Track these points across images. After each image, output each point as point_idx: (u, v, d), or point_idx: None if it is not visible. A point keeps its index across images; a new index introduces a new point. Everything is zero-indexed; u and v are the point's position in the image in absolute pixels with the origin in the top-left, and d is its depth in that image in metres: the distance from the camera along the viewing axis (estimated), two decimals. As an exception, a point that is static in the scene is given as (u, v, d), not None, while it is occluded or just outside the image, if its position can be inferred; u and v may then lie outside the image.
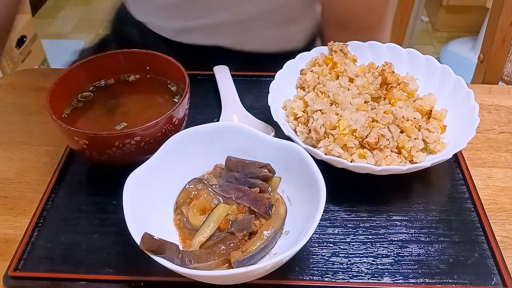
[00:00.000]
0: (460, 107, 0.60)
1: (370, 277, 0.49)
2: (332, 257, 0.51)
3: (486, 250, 0.51)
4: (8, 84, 0.77)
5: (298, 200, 0.51)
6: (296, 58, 0.66)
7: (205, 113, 0.69)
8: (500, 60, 0.94)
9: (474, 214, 0.55)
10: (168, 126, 0.54)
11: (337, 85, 0.60)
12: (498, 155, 0.63)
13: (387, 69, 0.59)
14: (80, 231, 0.54)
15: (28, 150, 0.65)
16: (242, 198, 0.51)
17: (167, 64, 0.61)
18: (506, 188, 0.59)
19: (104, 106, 0.60)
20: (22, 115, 0.71)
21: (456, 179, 0.59)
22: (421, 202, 0.56)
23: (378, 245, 0.52)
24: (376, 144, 0.53)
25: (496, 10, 0.89)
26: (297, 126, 0.59)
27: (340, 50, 0.66)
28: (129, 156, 0.53)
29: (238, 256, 0.46)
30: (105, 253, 0.51)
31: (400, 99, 0.59)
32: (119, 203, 0.46)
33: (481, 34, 2.07)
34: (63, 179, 0.60)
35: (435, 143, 0.56)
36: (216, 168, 0.55)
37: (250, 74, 0.77)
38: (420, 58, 0.66)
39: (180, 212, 0.52)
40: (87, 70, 0.61)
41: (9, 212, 0.57)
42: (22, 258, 0.51)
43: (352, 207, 0.56)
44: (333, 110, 0.56)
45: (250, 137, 0.53)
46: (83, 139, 0.52)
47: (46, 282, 0.49)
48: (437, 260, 0.50)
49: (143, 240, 0.43)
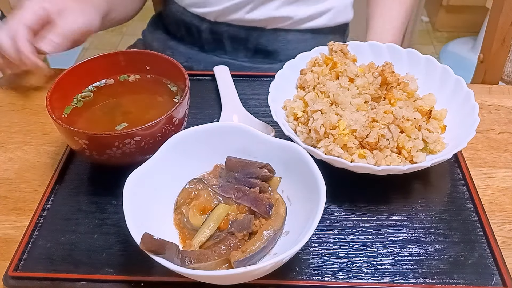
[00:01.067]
0: (460, 107, 0.60)
1: (370, 277, 0.49)
2: (332, 257, 0.51)
3: (486, 250, 0.51)
4: (8, 84, 0.77)
5: (298, 200, 0.51)
6: (296, 58, 0.66)
7: (205, 113, 0.69)
8: (500, 60, 0.94)
9: (474, 214, 0.55)
10: (168, 126, 0.54)
11: (337, 85, 0.60)
12: (498, 155, 0.63)
13: (387, 69, 0.59)
14: (80, 231, 0.54)
15: (28, 150, 0.65)
16: (242, 198, 0.51)
17: (167, 64, 0.61)
18: (506, 188, 0.59)
19: (104, 106, 0.60)
20: (22, 115, 0.71)
21: (456, 179, 0.59)
22: (421, 202, 0.56)
23: (378, 245, 0.52)
24: (376, 144, 0.53)
25: (496, 10, 0.89)
26: (297, 126, 0.59)
27: (340, 50, 0.66)
28: (129, 156, 0.53)
29: (238, 256, 0.46)
30: (105, 253, 0.51)
31: (400, 99, 0.59)
32: (119, 203, 0.46)
33: (481, 34, 2.07)
34: (63, 179, 0.60)
35: (435, 143, 0.56)
36: (216, 168, 0.55)
37: (250, 74, 0.77)
38: (420, 58, 0.66)
39: (180, 212, 0.52)
40: (87, 70, 0.62)
41: (9, 212, 0.57)
42: (22, 258, 0.51)
43: (352, 207, 0.56)
44: (333, 110, 0.56)
45: (250, 137, 0.53)
46: (83, 139, 0.52)
47: (46, 282, 0.49)
48: (437, 260, 0.50)
49: (143, 240, 0.43)
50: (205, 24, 0.90)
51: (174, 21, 0.94)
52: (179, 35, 0.95)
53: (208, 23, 0.90)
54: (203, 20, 0.90)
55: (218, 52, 0.93)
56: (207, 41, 0.92)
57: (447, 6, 2.28)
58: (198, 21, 0.90)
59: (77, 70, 0.61)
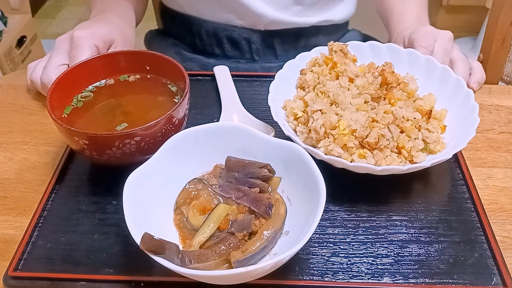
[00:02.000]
0: (460, 107, 0.60)
1: (370, 277, 0.49)
2: (332, 257, 0.51)
3: (486, 250, 0.51)
4: (8, 84, 0.77)
5: (298, 200, 0.51)
6: (296, 58, 0.66)
7: (205, 113, 0.69)
8: (500, 60, 0.94)
9: (474, 214, 0.55)
10: (168, 126, 0.54)
11: (337, 85, 0.60)
12: (498, 155, 0.63)
13: (387, 69, 0.59)
14: (80, 231, 0.54)
15: (28, 150, 0.65)
16: (242, 198, 0.51)
17: (167, 64, 0.61)
18: (506, 188, 0.59)
19: (104, 106, 0.60)
20: (22, 115, 0.71)
21: (456, 179, 0.59)
22: (421, 202, 0.56)
23: (378, 245, 0.52)
24: (376, 144, 0.53)
25: (496, 10, 0.89)
26: (297, 126, 0.59)
27: (340, 50, 0.66)
28: (129, 156, 0.53)
29: (238, 256, 0.46)
30: (105, 253, 0.51)
31: (400, 99, 0.59)
32: (119, 203, 0.46)
33: (481, 34, 2.07)
34: (63, 179, 0.60)
35: (435, 143, 0.56)
36: (216, 168, 0.55)
37: (250, 74, 0.77)
38: (420, 58, 0.66)
39: (180, 212, 0.52)
40: (87, 70, 0.61)
41: (9, 212, 0.57)
42: (22, 258, 0.51)
43: (352, 207, 0.56)
44: (333, 110, 0.56)
45: (250, 137, 0.53)
46: (83, 139, 0.52)
47: (46, 282, 0.49)
48: (437, 260, 0.50)
49: (143, 240, 0.43)
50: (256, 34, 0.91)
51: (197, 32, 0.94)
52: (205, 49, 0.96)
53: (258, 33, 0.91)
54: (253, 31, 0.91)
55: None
56: (257, 52, 0.94)
57: (447, 6, 2.28)
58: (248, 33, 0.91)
59: (77, 70, 0.61)
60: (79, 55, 0.65)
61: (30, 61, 0.75)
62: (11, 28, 1.83)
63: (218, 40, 0.93)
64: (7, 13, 1.85)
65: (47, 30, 2.52)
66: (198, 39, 0.94)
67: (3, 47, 1.75)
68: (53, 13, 2.67)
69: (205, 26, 0.92)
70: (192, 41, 0.96)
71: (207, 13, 0.90)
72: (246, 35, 0.91)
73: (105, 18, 0.76)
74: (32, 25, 1.95)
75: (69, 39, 0.68)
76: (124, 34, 0.75)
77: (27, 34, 1.89)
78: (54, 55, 0.68)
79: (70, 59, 0.67)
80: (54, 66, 0.66)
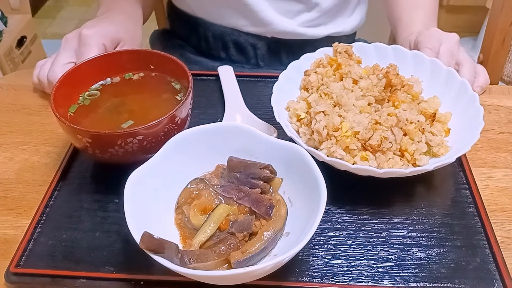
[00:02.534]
0: (465, 110, 0.59)
1: (370, 280, 0.49)
2: (333, 259, 0.51)
3: (489, 255, 0.51)
4: (8, 84, 0.77)
5: (299, 201, 0.51)
6: (300, 59, 0.66)
7: (208, 113, 0.69)
8: (500, 60, 0.94)
9: (476, 219, 0.54)
10: (171, 125, 0.54)
11: (341, 86, 0.60)
12: (498, 155, 0.63)
13: (391, 71, 0.59)
14: (81, 228, 0.54)
15: (28, 150, 0.65)
16: (243, 199, 0.51)
17: (171, 63, 0.61)
18: (506, 188, 0.59)
19: (110, 104, 0.61)
20: (22, 115, 0.71)
21: (459, 183, 0.59)
22: (423, 205, 0.56)
23: (379, 248, 0.52)
24: (378, 147, 0.53)
25: (496, 10, 0.88)
26: (299, 127, 0.59)
27: (344, 51, 0.66)
28: (132, 155, 0.53)
29: (238, 257, 0.46)
30: (106, 251, 0.51)
31: (404, 101, 0.58)
32: (121, 201, 0.46)
33: (481, 34, 2.04)
34: (66, 177, 0.60)
35: (439, 146, 0.56)
36: (218, 168, 0.55)
37: (254, 74, 0.77)
38: (425, 60, 0.65)
39: (181, 211, 0.52)
40: (92, 68, 0.62)
41: (9, 212, 0.57)
42: (24, 255, 0.51)
43: (353, 210, 0.55)
44: (336, 112, 0.56)
45: (252, 137, 0.53)
46: (86, 137, 0.52)
47: (47, 278, 0.49)
48: (438, 264, 0.50)
49: (143, 239, 0.43)
50: (263, 41, 0.91)
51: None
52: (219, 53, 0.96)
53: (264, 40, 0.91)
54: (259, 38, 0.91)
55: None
56: (262, 58, 0.94)
57: (447, 6, 2.26)
58: (254, 39, 0.91)
59: (82, 68, 0.61)
60: (87, 53, 0.65)
61: (30, 61, 0.75)
62: (11, 28, 1.84)
63: (224, 43, 0.93)
64: (7, 13, 1.86)
65: (47, 30, 2.53)
66: (204, 41, 0.94)
67: (3, 47, 1.75)
68: (53, 13, 2.68)
69: (212, 29, 0.92)
70: (197, 43, 0.96)
71: (216, 16, 0.90)
72: (253, 41, 0.91)
73: (112, 17, 0.76)
74: (32, 25, 1.96)
75: (77, 37, 0.68)
76: (131, 33, 0.75)
77: (27, 34, 1.90)
78: (61, 53, 0.68)
79: (77, 57, 0.67)
80: (61, 64, 0.66)
